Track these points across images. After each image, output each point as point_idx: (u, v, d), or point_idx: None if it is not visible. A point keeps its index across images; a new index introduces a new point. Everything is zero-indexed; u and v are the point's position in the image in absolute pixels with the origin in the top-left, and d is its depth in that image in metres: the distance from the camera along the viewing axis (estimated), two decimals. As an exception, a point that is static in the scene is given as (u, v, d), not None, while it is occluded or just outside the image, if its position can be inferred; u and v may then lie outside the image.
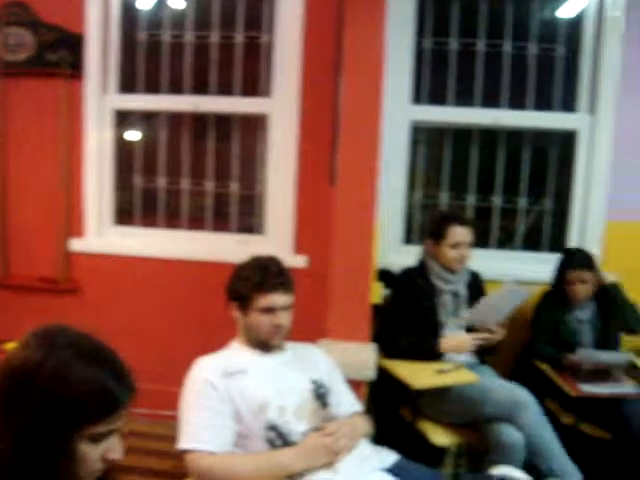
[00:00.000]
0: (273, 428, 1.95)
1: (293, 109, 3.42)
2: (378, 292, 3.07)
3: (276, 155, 3.51)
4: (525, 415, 2.55)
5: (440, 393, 2.67)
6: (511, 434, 2.53)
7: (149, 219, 3.73)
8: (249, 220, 3.67)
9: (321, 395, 2.10)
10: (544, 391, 2.93)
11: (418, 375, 2.66)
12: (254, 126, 3.59)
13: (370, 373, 2.58)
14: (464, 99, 3.54)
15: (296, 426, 1.97)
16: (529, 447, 2.53)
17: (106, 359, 1.19)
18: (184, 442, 1.90)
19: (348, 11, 2.67)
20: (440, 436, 2.70)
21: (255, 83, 3.54)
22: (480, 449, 2.62)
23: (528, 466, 2.50)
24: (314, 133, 3.39)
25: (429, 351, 2.86)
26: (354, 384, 2.36)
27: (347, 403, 2.22)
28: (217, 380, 1.97)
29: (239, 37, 3.55)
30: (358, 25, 2.67)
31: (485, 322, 2.90)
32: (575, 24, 3.50)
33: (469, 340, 2.87)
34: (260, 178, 3.62)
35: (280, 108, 3.47)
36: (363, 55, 2.69)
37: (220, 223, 3.68)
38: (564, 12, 3.51)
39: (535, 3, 3.52)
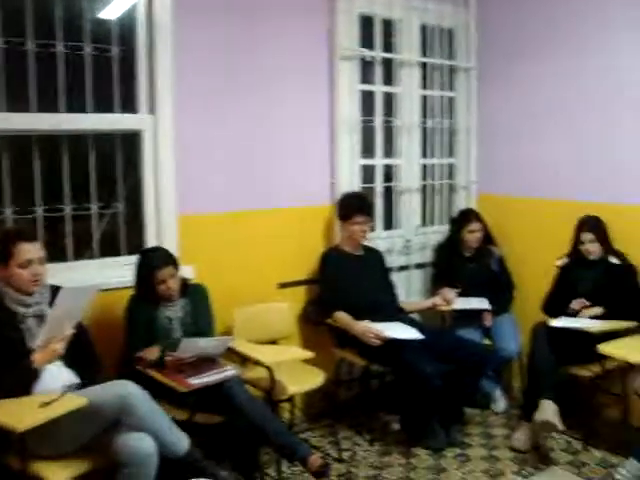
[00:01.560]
0: None
1: None
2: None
3: None
4: (134, 397, 2.60)
5: (48, 425, 2.41)
6: (138, 437, 2.54)
7: None
8: None
9: None
10: (154, 394, 2.91)
11: (20, 415, 2.37)
12: None
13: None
14: (18, 104, 3.22)
15: None
16: (149, 432, 2.58)
17: None
18: None
19: None
20: (61, 473, 2.47)
21: None
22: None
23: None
24: None
25: (25, 374, 2.59)
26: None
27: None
28: None
29: None
30: None
31: (61, 332, 2.70)
32: (128, 26, 3.49)
33: (57, 345, 2.65)
34: None
35: None
36: None
37: None
38: (113, 13, 3.46)
39: (84, 2, 3.38)
